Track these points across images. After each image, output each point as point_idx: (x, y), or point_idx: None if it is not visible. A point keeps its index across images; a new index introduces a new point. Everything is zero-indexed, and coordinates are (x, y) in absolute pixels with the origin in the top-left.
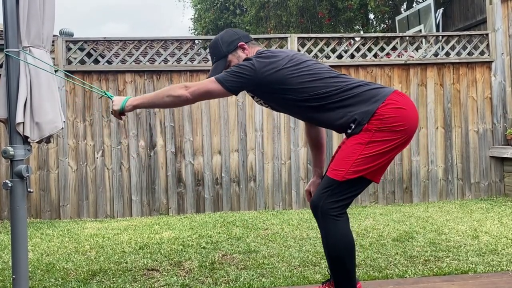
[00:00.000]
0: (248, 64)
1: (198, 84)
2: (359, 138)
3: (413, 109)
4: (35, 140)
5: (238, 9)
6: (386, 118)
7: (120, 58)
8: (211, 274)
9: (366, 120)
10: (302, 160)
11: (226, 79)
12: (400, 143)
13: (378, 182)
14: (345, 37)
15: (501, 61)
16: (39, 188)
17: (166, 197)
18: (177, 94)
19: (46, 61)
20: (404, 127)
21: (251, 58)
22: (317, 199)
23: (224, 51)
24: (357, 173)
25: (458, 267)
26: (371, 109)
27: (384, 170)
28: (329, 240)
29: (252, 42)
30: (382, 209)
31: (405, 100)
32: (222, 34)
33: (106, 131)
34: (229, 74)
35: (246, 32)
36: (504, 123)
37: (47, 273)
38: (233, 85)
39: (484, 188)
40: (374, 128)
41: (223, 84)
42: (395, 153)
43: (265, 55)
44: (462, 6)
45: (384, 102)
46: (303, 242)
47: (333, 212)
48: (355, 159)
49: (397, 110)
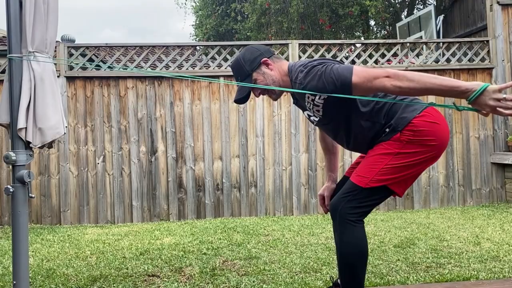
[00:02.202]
0: (319, 65)
1: (373, 75)
2: (388, 147)
3: (446, 125)
4: (37, 146)
5: (239, 16)
6: (419, 130)
7: (121, 64)
8: (212, 280)
9: (401, 127)
10: (303, 166)
11: (345, 68)
12: (428, 158)
13: (401, 195)
14: (346, 44)
15: (502, 68)
16: (40, 194)
17: (166, 203)
18: (404, 76)
19: (49, 66)
20: (435, 142)
21: (314, 65)
22: (337, 202)
23: (248, 70)
24: (381, 182)
25: (460, 274)
26: (409, 117)
27: (410, 184)
28: (343, 245)
29: (275, 56)
30: (383, 216)
31: (440, 116)
32: (244, 52)
33: (107, 136)
34: (336, 69)
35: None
36: (505, 130)
37: (47, 278)
38: (348, 65)
39: (485, 195)
40: (406, 140)
41: (351, 68)
42: (422, 168)
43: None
44: (463, 13)
45: (421, 113)
46: (304, 248)
47: (352, 217)
48: (381, 167)
49: (431, 124)
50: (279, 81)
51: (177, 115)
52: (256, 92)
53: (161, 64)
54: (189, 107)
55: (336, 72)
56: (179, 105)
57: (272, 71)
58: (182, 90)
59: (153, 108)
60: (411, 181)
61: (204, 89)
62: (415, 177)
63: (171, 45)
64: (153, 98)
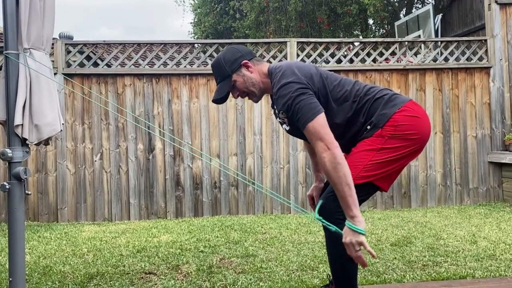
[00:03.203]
0: (292, 85)
1: (320, 136)
2: (371, 143)
3: (427, 119)
4: (33, 143)
5: (238, 14)
6: (400, 125)
7: (119, 61)
8: (208, 278)
9: (382, 123)
10: (301, 164)
11: (312, 109)
12: (411, 151)
13: (387, 190)
14: (344, 42)
15: (500, 67)
16: (37, 191)
17: (164, 201)
18: (332, 159)
19: (45, 63)
20: (417, 136)
21: (286, 82)
22: (324, 201)
23: (228, 71)
24: (367, 178)
25: (456, 272)
26: (388, 113)
27: (394, 178)
28: (333, 243)
29: (256, 59)
30: (380, 214)
31: (420, 109)
32: (224, 52)
33: (104, 134)
34: (303, 106)
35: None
36: (503, 129)
37: (44, 276)
38: (317, 104)
39: (482, 194)
40: (388, 135)
41: (317, 114)
42: (405, 162)
43: (285, 73)
44: (461, 12)
45: (401, 108)
46: (301, 246)
47: (339, 215)
48: (365, 164)
49: (412, 118)
50: (259, 83)
51: (174, 112)
52: (235, 93)
53: (159, 61)
54: (187, 105)
55: (304, 107)
56: (177, 103)
57: (252, 73)
58: (180, 88)
59: (150, 106)
60: (395, 176)
61: (202, 87)
62: (399, 172)
63: (169, 42)
64: (150, 96)
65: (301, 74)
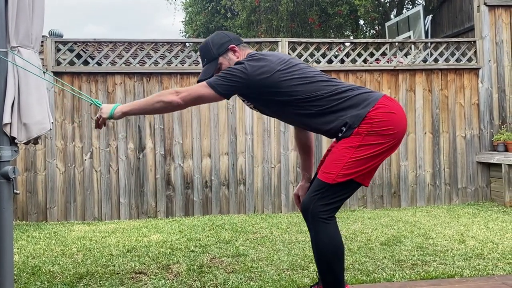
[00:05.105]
0: (240, 67)
1: (189, 89)
2: (349, 141)
3: (402, 113)
4: (22, 141)
5: (229, 13)
6: (376, 122)
7: (110, 59)
8: (199, 278)
9: (357, 123)
10: (292, 163)
11: (218, 84)
12: (389, 146)
13: (367, 185)
14: (335, 42)
15: (488, 68)
16: (26, 190)
17: (154, 200)
18: (168, 100)
19: (34, 62)
20: (393, 131)
21: (243, 62)
22: (307, 202)
23: (215, 54)
24: (348, 176)
25: (444, 271)
26: (362, 113)
27: (373, 173)
28: (318, 243)
29: (243, 45)
30: (370, 213)
31: (395, 104)
32: (213, 36)
33: (94, 133)
34: (220, 78)
35: (237, 34)
36: (491, 129)
37: (32, 276)
38: (225, 90)
39: (471, 193)
40: (365, 132)
41: (215, 89)
42: (384, 157)
43: (256, 58)
44: (451, 13)
45: (375, 106)
46: (292, 245)
47: (323, 215)
48: (345, 162)
49: (387, 114)
50: None
51: None
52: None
53: (150, 60)
54: None
55: (221, 77)
56: None
57: (238, 58)
58: (171, 87)
59: None
60: (374, 171)
61: None
62: (377, 167)
63: (160, 41)
64: (141, 95)
65: (260, 68)
